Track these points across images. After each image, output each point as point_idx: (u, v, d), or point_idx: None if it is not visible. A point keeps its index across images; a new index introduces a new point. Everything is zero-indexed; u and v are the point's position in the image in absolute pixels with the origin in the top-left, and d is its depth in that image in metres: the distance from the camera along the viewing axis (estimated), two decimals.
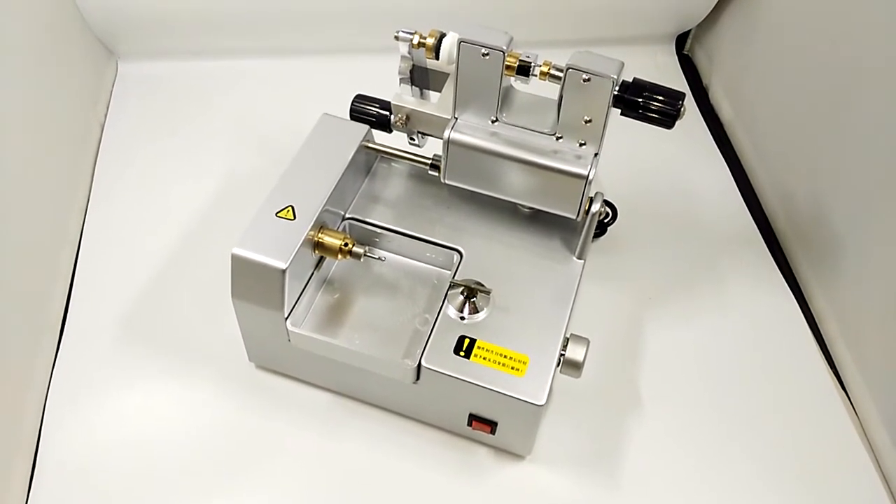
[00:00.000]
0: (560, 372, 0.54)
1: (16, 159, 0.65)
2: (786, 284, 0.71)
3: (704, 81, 0.93)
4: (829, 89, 0.69)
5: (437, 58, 0.55)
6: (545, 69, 0.52)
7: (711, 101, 0.91)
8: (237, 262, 0.53)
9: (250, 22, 0.86)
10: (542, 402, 0.51)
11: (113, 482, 0.57)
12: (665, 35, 0.95)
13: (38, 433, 0.59)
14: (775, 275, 0.72)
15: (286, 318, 0.54)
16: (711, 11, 0.90)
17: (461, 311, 0.55)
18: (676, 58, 0.95)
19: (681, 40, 0.96)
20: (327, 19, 0.87)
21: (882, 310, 0.62)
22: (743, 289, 0.71)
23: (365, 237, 0.61)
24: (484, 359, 0.53)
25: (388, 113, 0.60)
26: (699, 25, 0.94)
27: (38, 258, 0.66)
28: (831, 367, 0.66)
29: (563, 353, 0.53)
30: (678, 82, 0.92)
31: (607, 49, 0.51)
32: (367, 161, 0.64)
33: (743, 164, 0.83)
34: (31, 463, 0.57)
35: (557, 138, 0.54)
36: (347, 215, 0.61)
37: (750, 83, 0.83)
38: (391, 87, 0.59)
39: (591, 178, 0.53)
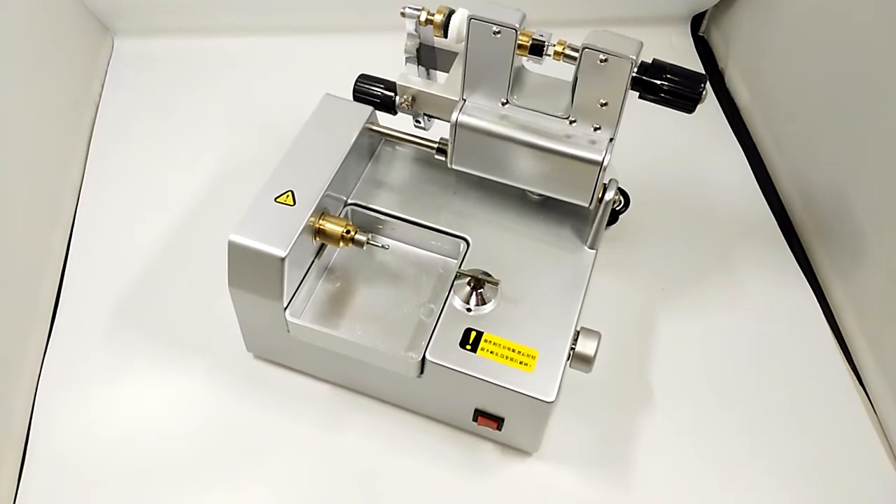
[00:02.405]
0: (570, 366, 0.52)
1: (8, 138, 0.63)
2: (803, 277, 0.69)
3: (720, 65, 0.91)
4: (851, 73, 0.67)
5: (445, 36, 0.53)
6: (560, 49, 0.49)
7: (727, 86, 0.88)
8: (234, 249, 0.51)
9: None
10: (552, 398, 0.49)
11: (106, 474, 0.55)
12: (680, 16, 0.92)
13: (28, 423, 0.57)
14: (792, 266, 0.70)
15: (285, 309, 0.52)
16: None
17: (468, 303, 0.53)
18: (692, 40, 0.92)
19: (696, 22, 0.94)
20: None
21: None
22: (759, 280, 0.69)
23: (368, 224, 0.59)
24: (491, 353, 0.51)
25: (392, 94, 0.58)
26: (715, 6, 0.91)
27: (30, 241, 0.64)
28: (849, 363, 0.64)
29: (573, 346, 0.51)
30: (693, 65, 0.88)
31: (620, 30, 0.49)
32: (371, 144, 0.62)
33: (760, 150, 0.81)
34: (21, 454, 0.56)
35: (571, 122, 0.52)
36: (350, 201, 0.59)
37: (768, 67, 0.81)
38: (396, 67, 0.57)
39: (605, 164, 0.51)
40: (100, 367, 0.60)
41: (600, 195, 0.54)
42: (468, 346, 0.51)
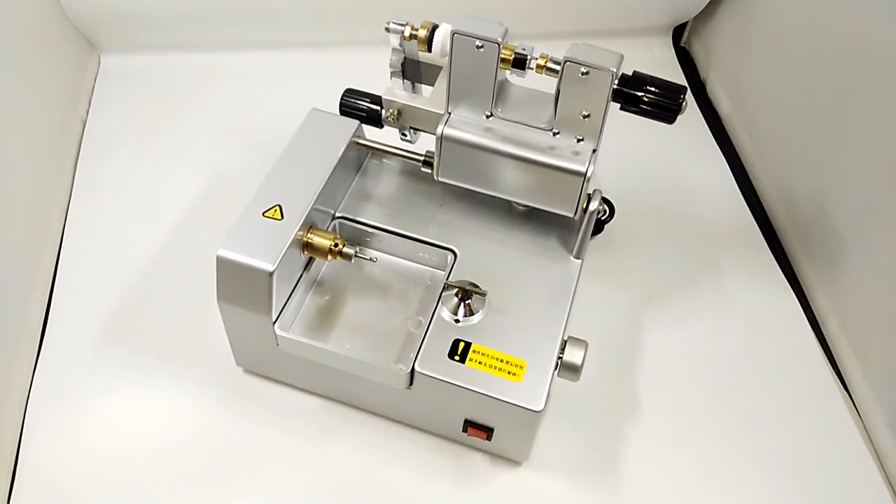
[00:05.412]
0: (558, 375, 0.52)
1: None
2: (787, 283, 0.70)
3: (702, 75, 0.92)
4: (830, 82, 0.68)
5: (429, 50, 0.53)
6: (542, 62, 0.50)
7: (709, 95, 0.90)
8: (222, 263, 0.51)
9: (237, 14, 0.84)
10: (540, 408, 0.49)
11: (96, 490, 0.55)
12: (662, 27, 0.94)
13: (17, 441, 0.57)
14: (776, 273, 0.71)
15: (274, 322, 0.53)
16: (709, 3, 0.89)
17: (456, 314, 0.53)
18: (673, 50, 0.93)
19: (678, 33, 0.95)
20: (316, 11, 0.85)
21: (886, 309, 0.60)
22: (743, 287, 0.69)
23: (356, 237, 0.60)
24: (479, 363, 0.51)
25: (378, 108, 0.58)
26: (696, 17, 0.92)
27: (18, 259, 0.64)
28: (833, 368, 0.65)
29: (560, 356, 0.52)
30: (675, 75, 0.90)
31: (603, 41, 0.50)
32: (358, 158, 0.62)
33: (742, 159, 0.82)
34: (11, 473, 0.56)
35: (554, 134, 0.53)
36: (337, 214, 0.59)
37: (749, 76, 0.82)
38: (382, 81, 0.58)
39: (589, 174, 0.52)
40: (89, 384, 0.60)
41: (585, 205, 0.55)
42: (457, 357, 0.51)
